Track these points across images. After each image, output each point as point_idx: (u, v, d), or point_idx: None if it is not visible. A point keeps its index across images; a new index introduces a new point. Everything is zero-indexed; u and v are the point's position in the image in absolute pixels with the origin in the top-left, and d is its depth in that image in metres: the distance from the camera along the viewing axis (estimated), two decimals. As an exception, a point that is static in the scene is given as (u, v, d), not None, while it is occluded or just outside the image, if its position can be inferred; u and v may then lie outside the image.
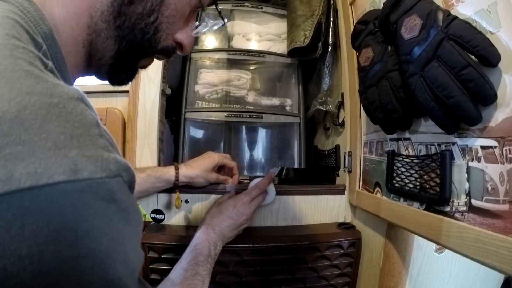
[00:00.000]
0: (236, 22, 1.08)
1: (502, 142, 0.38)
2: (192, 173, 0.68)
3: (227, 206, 0.65)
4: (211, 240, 0.59)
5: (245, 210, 0.65)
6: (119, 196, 0.23)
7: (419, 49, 0.45)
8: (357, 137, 0.75)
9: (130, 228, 0.24)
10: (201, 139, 1.10)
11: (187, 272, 0.52)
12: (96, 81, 0.78)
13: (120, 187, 0.23)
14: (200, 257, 0.54)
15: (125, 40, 0.33)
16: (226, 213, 0.63)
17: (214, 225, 0.61)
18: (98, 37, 0.31)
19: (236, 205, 0.65)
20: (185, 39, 0.38)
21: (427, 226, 0.49)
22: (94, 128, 0.22)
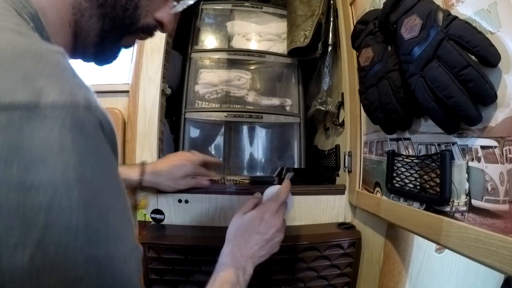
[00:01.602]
0: (236, 22, 1.08)
1: (502, 142, 0.38)
2: (157, 181, 0.66)
3: (252, 219, 0.54)
4: (238, 265, 0.49)
5: (274, 221, 0.54)
6: (90, 133, 0.22)
7: (419, 49, 0.45)
8: (357, 137, 0.75)
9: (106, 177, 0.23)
10: (201, 139, 1.10)
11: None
12: (96, 81, 0.78)
13: (92, 124, 0.22)
14: (225, 285, 0.45)
15: (107, 18, 0.34)
16: (252, 228, 0.53)
17: (240, 246, 0.51)
18: (82, 16, 0.33)
19: (263, 217, 0.53)
20: (165, 18, 0.40)
21: (427, 226, 0.49)
22: (69, 71, 0.23)
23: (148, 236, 0.68)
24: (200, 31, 1.08)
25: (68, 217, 0.20)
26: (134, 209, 0.73)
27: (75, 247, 0.20)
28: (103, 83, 0.78)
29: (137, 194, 0.72)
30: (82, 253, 0.20)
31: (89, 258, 0.21)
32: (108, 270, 0.22)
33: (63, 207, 0.20)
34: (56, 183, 0.20)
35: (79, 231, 0.20)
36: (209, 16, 1.11)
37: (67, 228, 0.20)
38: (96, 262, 0.21)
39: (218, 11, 1.12)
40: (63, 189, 0.20)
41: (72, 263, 0.20)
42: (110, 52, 0.39)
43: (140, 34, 0.39)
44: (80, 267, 0.20)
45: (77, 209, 0.20)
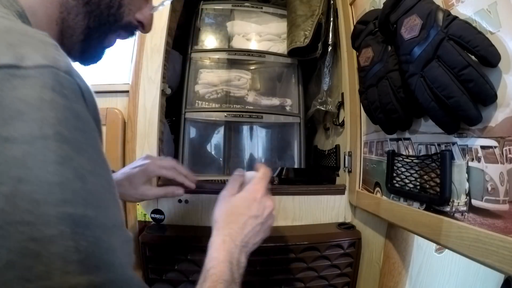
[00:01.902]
0: (236, 22, 1.08)
1: (502, 142, 0.38)
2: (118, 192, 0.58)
3: (245, 201, 0.48)
4: (232, 258, 0.42)
5: (267, 201, 0.48)
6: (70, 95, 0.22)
7: (419, 49, 0.45)
8: (357, 137, 0.75)
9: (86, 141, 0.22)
10: (201, 139, 1.10)
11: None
12: (96, 81, 0.78)
13: (72, 87, 0.22)
14: (218, 285, 0.37)
15: (93, 15, 0.36)
16: (246, 211, 0.47)
17: (234, 233, 0.44)
18: (69, 14, 0.34)
19: (256, 198, 0.48)
20: (145, 18, 0.41)
21: (427, 226, 0.49)
22: (53, 46, 0.24)
23: (148, 236, 0.68)
24: (200, 31, 1.08)
25: (42, 171, 0.19)
26: (135, 207, 0.73)
27: (48, 203, 0.19)
28: (103, 83, 0.78)
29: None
30: (55, 210, 0.19)
31: (64, 216, 0.19)
32: (85, 234, 0.20)
33: (37, 161, 0.19)
34: (32, 137, 0.19)
35: (54, 187, 0.19)
36: (209, 16, 1.11)
37: (41, 183, 0.19)
38: (71, 222, 0.20)
39: (218, 11, 1.12)
40: (39, 143, 0.20)
41: (45, 220, 0.19)
42: (95, 51, 0.40)
43: (121, 32, 0.40)
44: (52, 225, 0.19)
45: (53, 165, 0.20)
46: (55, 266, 0.18)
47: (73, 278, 0.19)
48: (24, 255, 0.18)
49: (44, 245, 0.18)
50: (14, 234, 0.18)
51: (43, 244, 0.18)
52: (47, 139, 0.20)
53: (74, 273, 0.19)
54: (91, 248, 0.20)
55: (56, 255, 0.19)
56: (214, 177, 0.99)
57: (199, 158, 1.07)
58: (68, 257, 0.19)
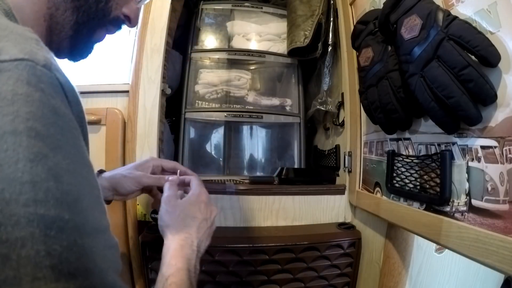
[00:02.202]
0: (236, 22, 1.08)
1: (502, 142, 0.38)
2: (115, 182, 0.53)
3: (195, 204, 0.48)
4: (191, 264, 0.41)
5: (213, 205, 0.51)
6: (47, 90, 0.21)
7: (419, 49, 0.45)
8: (357, 137, 0.75)
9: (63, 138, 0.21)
10: (201, 139, 1.10)
11: None
12: (96, 81, 0.78)
13: (50, 81, 0.21)
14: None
15: (81, 11, 0.35)
16: (198, 214, 0.47)
17: (190, 237, 0.44)
18: (57, 10, 0.34)
19: (203, 199, 0.49)
20: (132, 12, 0.41)
21: (427, 226, 0.49)
22: (33, 40, 0.23)
23: (148, 236, 0.68)
24: (200, 31, 1.08)
25: (13, 168, 0.18)
26: (134, 207, 0.73)
27: (18, 202, 0.18)
28: (103, 83, 0.78)
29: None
30: (26, 211, 0.18)
31: (34, 218, 0.18)
32: (58, 238, 0.19)
33: (8, 157, 0.18)
34: (3, 132, 0.18)
35: (24, 185, 0.18)
36: (209, 16, 1.11)
37: (11, 181, 0.18)
38: (42, 224, 0.18)
39: (218, 11, 1.12)
40: (10, 139, 0.18)
41: (15, 221, 0.17)
42: (84, 46, 0.39)
43: (109, 27, 0.40)
44: (22, 227, 0.17)
45: (23, 162, 0.19)
46: (25, 271, 0.17)
47: (44, 284, 0.18)
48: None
49: (13, 248, 0.17)
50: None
51: (12, 246, 0.17)
52: (18, 135, 0.19)
53: (46, 279, 0.18)
54: (65, 253, 0.19)
55: (26, 259, 0.17)
56: (214, 177, 0.99)
57: (199, 158, 1.07)
58: (39, 262, 0.18)
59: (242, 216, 0.75)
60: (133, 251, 0.72)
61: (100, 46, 0.42)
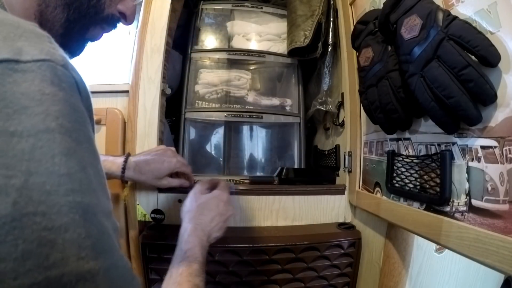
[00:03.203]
0: (236, 22, 1.08)
1: (502, 142, 0.38)
2: (139, 178, 0.64)
3: (215, 200, 0.57)
4: (203, 243, 0.50)
5: (231, 206, 0.59)
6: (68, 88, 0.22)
7: (419, 49, 0.45)
8: (357, 137, 0.75)
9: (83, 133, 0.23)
10: (201, 139, 1.10)
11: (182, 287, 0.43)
12: (96, 81, 0.78)
13: (69, 80, 0.23)
14: (194, 265, 0.45)
15: (72, 8, 0.35)
16: (215, 208, 0.55)
17: (203, 223, 0.53)
18: (47, 7, 0.33)
19: (223, 199, 0.58)
20: (127, 9, 0.40)
21: (427, 226, 0.49)
22: (46, 37, 0.24)
23: (148, 236, 0.68)
24: (200, 31, 1.08)
25: (50, 163, 0.20)
26: (134, 207, 0.73)
27: (58, 193, 0.20)
28: (103, 83, 0.78)
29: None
30: (66, 200, 0.20)
31: (74, 205, 0.20)
32: (93, 221, 0.21)
33: (45, 153, 0.20)
34: (38, 130, 0.20)
35: (62, 177, 0.20)
36: (209, 16, 1.11)
37: (50, 174, 0.20)
38: (81, 210, 0.21)
39: (218, 11, 1.12)
40: (45, 136, 0.20)
41: (57, 210, 0.20)
42: (76, 44, 0.39)
43: (103, 25, 0.40)
44: (65, 214, 0.20)
45: (59, 156, 0.21)
46: (70, 252, 0.19)
47: (87, 263, 0.20)
48: (40, 244, 0.19)
49: (58, 233, 0.19)
50: (29, 224, 0.19)
51: (57, 232, 0.19)
52: (51, 132, 0.21)
53: (88, 258, 0.20)
54: (99, 234, 0.22)
55: (70, 242, 0.20)
56: (214, 177, 0.99)
57: (199, 158, 1.08)
58: (82, 243, 0.20)
59: (242, 216, 0.75)
60: (133, 251, 0.72)
61: (100, 46, 0.42)
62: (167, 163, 0.65)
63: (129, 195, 0.70)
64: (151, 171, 0.64)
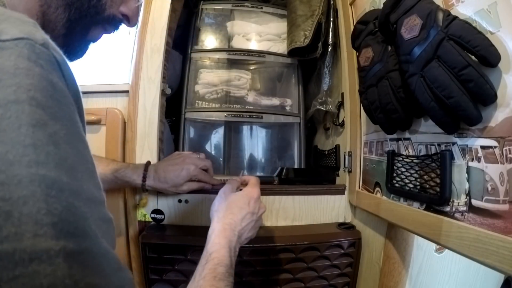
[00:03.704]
0: (236, 22, 1.08)
1: (502, 142, 0.38)
2: (159, 186, 0.65)
3: (245, 198, 0.54)
4: (231, 244, 0.46)
5: (261, 203, 0.56)
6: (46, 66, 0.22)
7: (419, 49, 0.45)
8: (357, 137, 0.75)
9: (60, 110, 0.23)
10: (200, 139, 1.10)
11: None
12: (96, 81, 0.78)
13: (48, 58, 0.23)
14: (219, 268, 0.41)
15: (73, 8, 0.35)
16: (246, 206, 0.52)
17: (233, 223, 0.49)
18: (49, 7, 0.34)
19: (254, 197, 0.54)
20: (130, 11, 0.40)
21: (427, 226, 0.49)
22: (31, 23, 0.24)
23: (148, 236, 0.68)
24: (200, 31, 1.08)
25: (16, 133, 0.20)
26: (134, 208, 0.73)
27: (20, 163, 0.19)
28: (103, 83, 0.78)
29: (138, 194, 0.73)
30: (28, 171, 0.19)
31: (36, 178, 0.19)
32: (58, 197, 0.20)
33: (12, 123, 0.20)
34: (7, 101, 0.20)
35: (27, 148, 0.20)
36: (209, 16, 1.11)
37: (14, 144, 0.19)
38: (43, 184, 0.19)
39: (218, 11, 1.12)
40: (13, 107, 0.20)
41: (17, 180, 0.19)
42: (78, 45, 0.39)
43: (105, 25, 0.40)
44: (24, 186, 0.19)
45: (26, 127, 0.20)
46: (26, 227, 0.18)
47: (44, 241, 0.18)
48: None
49: (15, 205, 0.18)
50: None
51: (14, 204, 0.18)
52: (21, 103, 0.20)
53: (46, 236, 0.19)
54: (64, 213, 0.20)
55: (28, 216, 0.18)
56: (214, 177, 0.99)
57: (199, 158, 1.07)
58: (40, 219, 0.19)
59: (242, 216, 0.75)
60: (133, 251, 0.72)
61: (100, 46, 0.42)
62: (185, 171, 0.66)
63: (147, 203, 0.71)
64: (171, 179, 0.65)
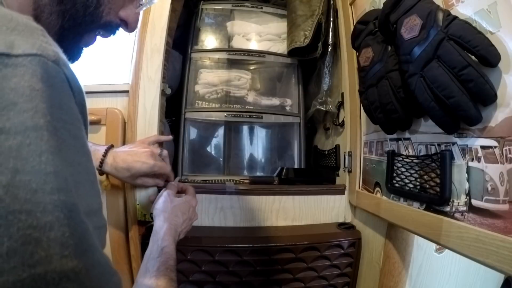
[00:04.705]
0: (236, 22, 1.08)
1: (502, 142, 0.38)
2: (115, 174, 0.63)
3: (186, 204, 0.63)
4: (175, 241, 0.55)
5: (196, 213, 0.65)
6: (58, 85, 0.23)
7: (419, 49, 0.45)
8: (357, 137, 0.75)
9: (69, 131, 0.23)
10: (201, 139, 1.10)
11: (160, 280, 0.45)
12: (96, 81, 0.78)
13: (59, 76, 0.23)
14: (170, 261, 0.49)
15: (68, 15, 0.34)
16: (186, 212, 0.62)
17: (176, 224, 0.58)
18: (42, 12, 0.33)
19: (192, 205, 0.64)
20: (129, 16, 0.39)
21: (427, 226, 0.49)
22: (39, 31, 0.24)
23: (148, 236, 0.68)
24: (200, 31, 1.08)
25: (37, 161, 0.20)
26: (135, 208, 0.73)
27: (44, 191, 0.20)
28: (103, 83, 0.78)
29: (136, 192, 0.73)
30: (51, 198, 0.20)
31: (59, 203, 0.20)
32: (77, 220, 0.22)
33: (32, 151, 0.20)
34: (26, 127, 0.20)
35: (48, 176, 0.20)
36: (209, 16, 1.11)
37: (36, 172, 0.20)
38: (66, 209, 0.21)
39: (218, 11, 1.12)
40: (33, 134, 0.20)
41: (42, 208, 0.20)
42: (71, 51, 0.38)
43: (101, 31, 0.39)
44: (50, 212, 0.20)
45: (46, 154, 0.20)
46: (54, 250, 0.19)
47: (70, 261, 0.20)
48: (25, 242, 0.19)
49: (43, 231, 0.19)
50: (15, 222, 0.19)
51: (42, 230, 0.19)
52: (39, 130, 0.21)
53: (71, 256, 0.20)
54: (82, 233, 0.22)
55: (55, 240, 0.20)
56: (214, 177, 0.99)
57: (199, 158, 1.07)
58: (65, 242, 0.20)
59: (242, 216, 0.75)
60: (133, 251, 0.72)
61: (100, 46, 0.41)
62: (145, 166, 0.64)
63: (109, 186, 0.69)
64: (127, 170, 0.63)
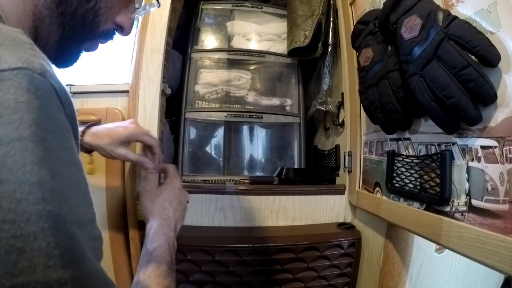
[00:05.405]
0: (236, 22, 1.08)
1: (502, 142, 0.38)
2: (95, 143, 0.59)
3: (171, 190, 0.57)
4: (170, 241, 0.49)
5: (185, 191, 0.59)
6: (44, 97, 0.23)
7: (419, 49, 0.45)
8: (357, 137, 0.75)
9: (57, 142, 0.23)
10: (201, 139, 1.10)
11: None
12: (96, 81, 0.78)
13: (46, 88, 0.23)
14: (162, 266, 0.44)
15: (67, 26, 0.35)
16: (174, 199, 0.56)
17: (168, 218, 0.52)
18: (42, 23, 0.33)
19: (178, 186, 0.58)
20: (125, 22, 0.40)
21: (427, 226, 0.49)
22: (27, 44, 0.24)
23: (148, 236, 0.68)
24: (200, 31, 1.08)
25: (22, 171, 0.20)
26: (134, 208, 0.73)
27: (28, 201, 0.20)
28: (103, 83, 0.78)
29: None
30: (36, 208, 0.20)
31: (43, 213, 0.20)
32: (63, 230, 0.21)
33: (17, 161, 0.20)
34: (11, 139, 0.20)
35: (33, 186, 0.20)
36: (209, 16, 1.11)
37: (21, 183, 0.20)
38: (51, 219, 0.21)
39: (218, 11, 1.12)
40: (17, 145, 0.20)
41: (26, 218, 0.20)
42: (69, 56, 0.39)
43: (99, 39, 0.40)
44: (34, 222, 0.20)
45: (31, 165, 0.21)
46: (38, 261, 0.19)
47: (55, 272, 0.20)
48: (8, 252, 0.19)
49: (27, 241, 0.19)
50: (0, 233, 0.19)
51: (26, 240, 0.19)
52: (24, 140, 0.21)
53: (56, 267, 0.20)
54: (68, 243, 0.21)
55: (39, 250, 0.20)
56: (214, 177, 0.99)
57: (199, 158, 1.07)
58: (50, 252, 0.20)
59: (242, 216, 0.75)
60: (133, 251, 0.72)
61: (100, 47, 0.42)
62: (126, 131, 0.61)
63: (95, 168, 0.67)
64: (108, 135, 0.60)
